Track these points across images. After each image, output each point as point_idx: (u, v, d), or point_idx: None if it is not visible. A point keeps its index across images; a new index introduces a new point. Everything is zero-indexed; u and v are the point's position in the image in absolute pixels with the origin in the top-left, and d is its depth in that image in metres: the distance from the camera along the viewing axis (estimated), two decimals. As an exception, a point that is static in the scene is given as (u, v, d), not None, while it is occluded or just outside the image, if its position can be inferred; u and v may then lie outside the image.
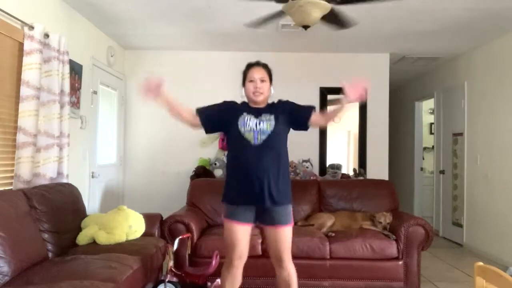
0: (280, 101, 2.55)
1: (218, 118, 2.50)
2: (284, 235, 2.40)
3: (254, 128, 2.36)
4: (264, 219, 2.42)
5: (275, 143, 2.37)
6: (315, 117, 2.46)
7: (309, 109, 2.49)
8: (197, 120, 2.49)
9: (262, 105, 2.48)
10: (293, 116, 2.47)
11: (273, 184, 2.34)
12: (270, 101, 2.54)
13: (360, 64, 5.49)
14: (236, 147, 2.42)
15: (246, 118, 2.39)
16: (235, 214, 2.39)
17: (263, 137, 2.34)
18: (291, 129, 2.53)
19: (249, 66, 2.49)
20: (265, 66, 2.49)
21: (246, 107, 2.48)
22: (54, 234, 2.83)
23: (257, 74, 2.43)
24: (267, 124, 2.37)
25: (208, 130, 2.53)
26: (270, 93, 2.50)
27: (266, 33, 4.60)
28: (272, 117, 2.41)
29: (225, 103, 2.55)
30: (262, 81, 2.43)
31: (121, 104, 5.32)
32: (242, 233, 2.39)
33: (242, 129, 2.36)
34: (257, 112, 2.44)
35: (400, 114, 7.39)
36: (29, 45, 3.03)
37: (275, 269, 2.50)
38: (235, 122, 2.39)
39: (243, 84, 2.48)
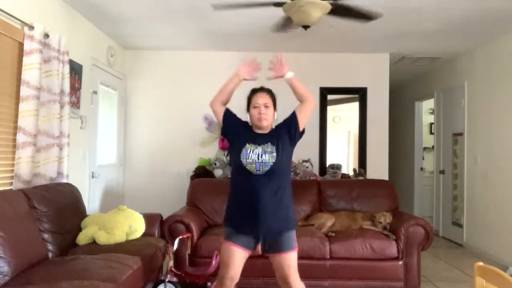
0: (278, 125, 2.55)
1: (236, 127, 2.51)
2: (289, 261, 2.40)
3: (256, 160, 2.36)
4: (267, 246, 2.43)
5: (277, 173, 2.38)
6: (299, 112, 2.48)
7: (293, 113, 2.51)
8: (222, 109, 2.52)
9: (266, 131, 2.48)
10: (288, 129, 2.48)
11: (276, 214, 2.37)
12: (274, 125, 2.54)
13: (360, 64, 5.49)
14: (238, 174, 2.43)
15: (248, 150, 2.38)
16: (235, 238, 2.40)
17: (266, 168, 2.35)
18: (297, 143, 2.54)
19: (254, 91, 2.51)
20: (269, 92, 2.52)
21: (251, 134, 2.48)
22: (54, 234, 2.83)
23: (261, 99, 2.45)
24: (269, 156, 2.37)
25: (224, 129, 2.55)
26: (274, 118, 2.51)
27: (266, 33, 4.59)
28: (274, 148, 2.40)
29: (244, 123, 2.56)
30: (266, 106, 2.44)
31: (121, 104, 5.32)
32: (238, 257, 2.39)
33: (244, 161, 2.36)
34: (260, 141, 2.43)
35: (400, 114, 7.39)
36: (29, 45, 3.03)
37: None
38: (240, 149, 2.40)
39: (248, 109, 2.49)
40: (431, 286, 3.79)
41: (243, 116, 2.56)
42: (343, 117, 5.89)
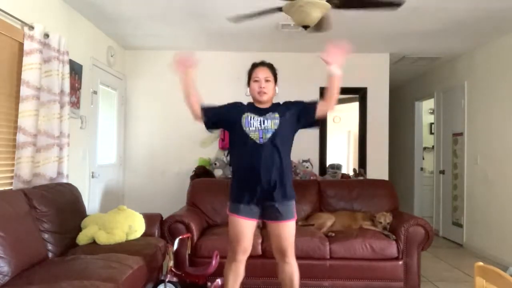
0: (286, 102, 2.56)
1: (221, 117, 2.52)
2: (287, 230, 2.43)
3: (259, 127, 2.38)
4: (267, 215, 2.45)
5: (279, 141, 2.39)
6: (320, 106, 2.46)
7: (314, 102, 2.51)
8: (200, 112, 2.51)
9: (267, 105, 2.49)
10: (300, 111, 2.48)
11: (278, 182, 2.39)
12: (275, 101, 2.55)
13: (360, 64, 5.49)
14: (240, 146, 2.43)
15: (249, 117, 2.41)
16: (240, 209, 2.42)
17: (268, 135, 2.37)
18: (299, 129, 2.53)
19: (254, 66, 2.51)
20: (270, 66, 2.52)
21: (250, 107, 2.50)
22: (54, 234, 2.83)
23: (262, 73, 2.45)
24: (271, 122, 2.39)
25: (208, 125, 2.56)
26: (275, 93, 2.51)
27: (266, 33, 4.60)
28: (277, 115, 2.42)
29: (230, 104, 2.58)
30: (267, 80, 2.44)
31: (121, 104, 5.32)
32: (246, 228, 2.42)
33: (247, 129, 2.38)
34: (261, 111, 2.45)
35: (400, 114, 7.39)
36: (29, 45, 3.03)
37: (278, 264, 2.53)
38: (239, 122, 2.41)
39: (248, 83, 2.49)
40: (431, 286, 3.79)
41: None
42: (343, 117, 5.90)
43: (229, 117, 2.48)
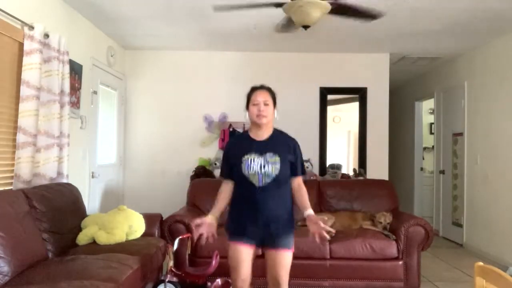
0: (287, 137, 2.53)
1: (231, 167, 2.49)
2: (284, 259, 2.41)
3: (259, 171, 2.35)
4: (265, 243, 2.44)
5: (279, 184, 2.39)
6: (295, 182, 2.47)
7: (300, 170, 2.50)
8: (230, 182, 2.49)
9: (266, 134, 2.45)
10: (295, 158, 2.48)
11: (277, 221, 2.39)
12: (274, 125, 2.52)
13: (360, 64, 5.49)
14: (240, 184, 2.42)
15: (250, 160, 2.37)
16: (238, 237, 2.41)
17: (268, 180, 2.35)
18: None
19: (253, 89, 2.49)
20: (269, 90, 2.49)
21: (249, 143, 2.45)
22: (54, 234, 2.83)
23: (261, 97, 2.42)
24: (272, 168, 2.36)
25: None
26: (274, 117, 2.49)
27: (266, 33, 4.59)
28: (277, 159, 2.39)
29: (229, 146, 2.56)
30: (266, 104, 2.41)
31: (121, 104, 5.32)
32: (245, 254, 2.41)
33: (246, 172, 2.36)
34: (261, 149, 2.41)
35: (400, 114, 7.39)
36: (29, 45, 3.03)
37: None
38: (239, 164, 2.39)
39: (247, 107, 2.48)
40: (431, 286, 3.79)
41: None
42: (343, 117, 5.89)
43: (232, 162, 2.46)
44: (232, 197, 2.50)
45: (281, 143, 2.46)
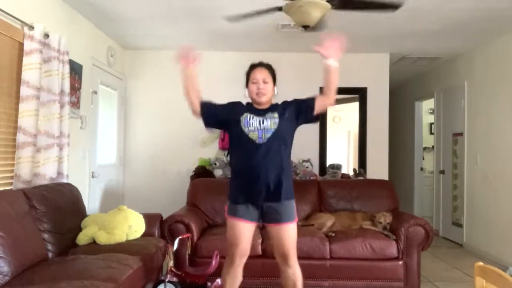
0: (284, 101, 2.54)
1: (220, 115, 2.50)
2: (289, 233, 2.39)
3: (258, 127, 2.35)
4: (267, 217, 2.41)
5: (279, 141, 2.37)
6: (319, 101, 2.44)
7: (312, 97, 2.49)
8: (199, 109, 2.49)
9: (265, 106, 2.47)
10: (299, 108, 2.46)
11: (277, 181, 2.36)
12: (274, 102, 2.53)
13: (360, 64, 5.49)
14: (239, 146, 2.41)
15: (249, 117, 2.39)
16: (238, 212, 2.38)
17: (267, 135, 2.34)
18: (299, 126, 2.51)
19: (252, 67, 2.48)
20: (269, 67, 2.49)
21: (249, 108, 2.47)
22: (54, 234, 2.83)
23: (260, 74, 2.42)
24: (271, 122, 2.37)
25: (207, 123, 2.53)
26: (274, 93, 2.48)
27: (266, 33, 4.60)
28: (276, 114, 2.40)
29: (230, 103, 2.56)
30: (265, 82, 2.41)
31: (121, 104, 5.32)
32: (245, 231, 2.38)
33: (245, 129, 2.35)
34: (260, 112, 2.43)
35: (400, 114, 7.39)
36: (29, 45, 3.03)
37: (280, 268, 2.48)
38: (237, 122, 2.39)
39: (246, 85, 2.47)
40: (431, 286, 3.79)
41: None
42: (343, 117, 5.90)
43: (228, 116, 2.46)
44: (232, 164, 2.49)
45: (277, 106, 2.48)
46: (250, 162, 2.35)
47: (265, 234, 3.21)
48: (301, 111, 2.46)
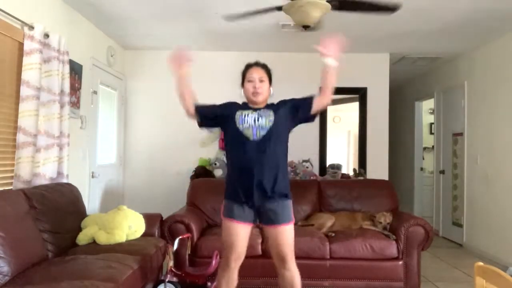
0: (281, 100, 2.53)
1: (214, 113, 2.48)
2: (286, 234, 2.36)
3: (253, 124, 2.33)
4: (264, 218, 2.39)
5: (274, 138, 2.35)
6: (316, 100, 2.42)
7: (310, 96, 2.47)
8: (193, 109, 2.48)
9: (261, 106, 2.46)
10: (296, 107, 2.44)
11: (273, 180, 2.33)
12: (269, 102, 2.52)
13: (360, 64, 5.49)
14: (234, 143, 2.39)
15: (244, 114, 2.37)
16: (234, 213, 2.36)
17: (262, 132, 2.32)
18: (296, 125, 2.50)
19: (248, 66, 2.46)
20: (264, 66, 2.47)
21: (245, 106, 2.46)
22: (54, 234, 2.83)
23: (256, 74, 2.41)
24: (266, 119, 2.34)
25: (201, 123, 2.53)
26: (269, 93, 2.47)
27: (266, 33, 4.60)
28: (271, 112, 2.38)
29: (224, 102, 2.55)
30: (261, 81, 2.40)
31: (121, 104, 5.32)
32: (241, 232, 2.36)
33: (240, 126, 2.33)
34: (255, 110, 2.42)
35: (400, 114, 7.39)
36: (29, 45, 3.03)
37: (278, 270, 2.45)
38: (232, 119, 2.37)
39: (242, 84, 2.46)
40: (431, 286, 3.79)
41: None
42: (343, 117, 5.90)
43: (222, 114, 2.44)
44: (228, 162, 2.48)
45: (273, 105, 2.46)
46: (244, 159, 2.32)
47: (265, 235, 3.21)
48: (298, 110, 2.44)
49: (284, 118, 2.41)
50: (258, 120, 2.34)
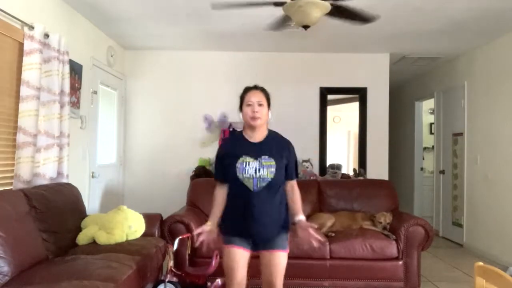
0: (282, 139, 2.48)
1: (224, 167, 2.43)
2: (279, 260, 2.37)
3: (254, 175, 2.30)
4: (260, 244, 2.41)
5: (274, 187, 2.35)
6: (288, 186, 2.46)
7: (294, 174, 2.48)
8: (225, 187, 2.44)
9: (260, 135, 2.41)
10: (286, 165, 2.43)
11: (273, 223, 2.36)
12: (269, 127, 2.48)
13: (360, 64, 5.49)
14: (235, 188, 2.37)
15: (245, 163, 2.32)
16: (233, 240, 2.38)
17: (263, 184, 2.31)
18: None
19: (247, 89, 2.43)
20: (263, 90, 2.43)
21: (243, 144, 2.40)
22: (54, 234, 2.83)
23: (254, 97, 2.36)
24: (267, 171, 2.31)
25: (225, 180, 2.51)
26: (268, 118, 2.44)
27: (266, 33, 4.59)
28: (273, 163, 2.34)
29: (223, 147, 2.52)
30: (260, 105, 2.35)
31: (121, 104, 5.32)
32: (240, 257, 2.37)
33: (241, 176, 2.30)
34: (256, 152, 2.36)
35: (400, 114, 7.39)
36: (29, 45, 3.03)
37: None
38: (234, 167, 2.33)
39: (240, 108, 2.44)
40: (431, 286, 3.79)
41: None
42: (343, 117, 5.90)
43: (226, 164, 2.39)
44: (227, 198, 2.44)
45: (276, 145, 2.40)
46: (245, 205, 2.33)
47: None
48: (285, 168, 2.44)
49: (283, 169, 2.40)
50: (259, 171, 2.31)
